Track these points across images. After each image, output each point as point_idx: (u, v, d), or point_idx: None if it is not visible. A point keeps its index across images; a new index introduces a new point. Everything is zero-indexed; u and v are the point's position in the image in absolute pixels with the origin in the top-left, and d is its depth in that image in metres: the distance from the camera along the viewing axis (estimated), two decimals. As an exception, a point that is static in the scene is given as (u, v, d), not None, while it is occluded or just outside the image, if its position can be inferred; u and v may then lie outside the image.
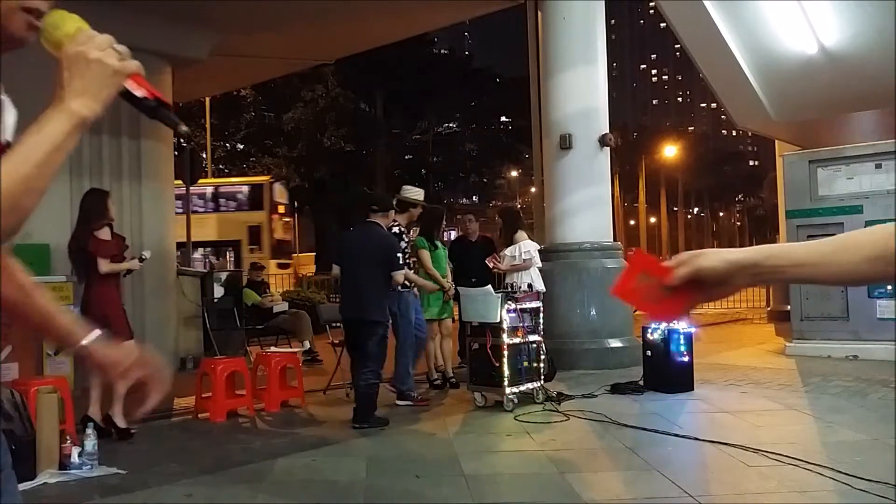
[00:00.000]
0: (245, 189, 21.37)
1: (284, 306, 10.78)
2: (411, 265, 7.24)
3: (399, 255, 6.46)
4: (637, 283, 1.24)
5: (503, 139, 36.93)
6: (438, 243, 7.94)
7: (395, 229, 7.00)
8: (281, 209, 18.83)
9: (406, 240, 7.25)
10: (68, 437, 4.95)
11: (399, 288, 6.69)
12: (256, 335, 10.11)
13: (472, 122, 37.25)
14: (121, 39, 1.25)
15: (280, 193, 18.00)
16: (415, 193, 7.68)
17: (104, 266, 5.76)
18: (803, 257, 1.20)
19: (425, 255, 7.56)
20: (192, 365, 9.23)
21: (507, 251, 7.74)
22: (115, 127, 8.80)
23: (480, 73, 35.93)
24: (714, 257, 1.18)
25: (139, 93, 1.21)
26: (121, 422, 5.88)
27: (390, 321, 6.55)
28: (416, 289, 7.21)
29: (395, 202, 7.15)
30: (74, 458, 4.78)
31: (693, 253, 1.20)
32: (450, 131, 37.93)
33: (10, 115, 1.32)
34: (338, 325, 8.79)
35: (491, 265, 8.06)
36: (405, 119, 33.75)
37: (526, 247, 7.68)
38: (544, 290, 7.57)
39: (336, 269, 6.65)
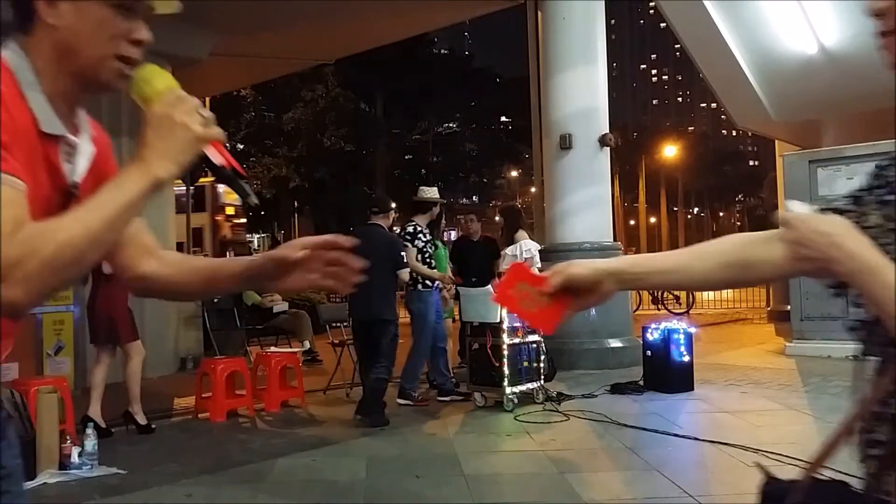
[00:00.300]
0: (185, 191, 21.41)
1: (284, 306, 10.77)
2: (431, 265, 7.30)
3: (402, 254, 6.58)
4: (516, 292, 1.33)
5: (503, 139, 36.92)
6: (439, 243, 7.95)
7: (410, 228, 7.14)
8: (229, 210, 18.79)
9: (425, 239, 7.32)
10: (68, 437, 4.95)
11: (419, 287, 6.84)
12: (256, 335, 10.10)
13: (472, 122, 37.25)
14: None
15: (227, 194, 17.93)
16: (433, 193, 7.72)
17: (108, 266, 5.78)
18: (664, 265, 1.32)
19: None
20: (192, 365, 9.23)
21: (508, 250, 7.73)
22: (115, 127, 8.78)
23: (480, 73, 35.93)
24: (584, 266, 1.29)
25: (217, 160, 1.24)
26: (141, 418, 5.93)
27: (409, 319, 6.69)
28: (443, 291, 7.22)
29: (413, 204, 7.34)
30: (74, 458, 4.78)
31: (566, 263, 1.29)
32: (450, 131, 37.93)
33: (84, 158, 1.34)
34: (337, 325, 8.81)
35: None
36: (405, 119, 33.74)
37: (527, 245, 7.68)
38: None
39: None
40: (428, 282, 7.02)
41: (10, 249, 1.07)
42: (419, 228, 7.22)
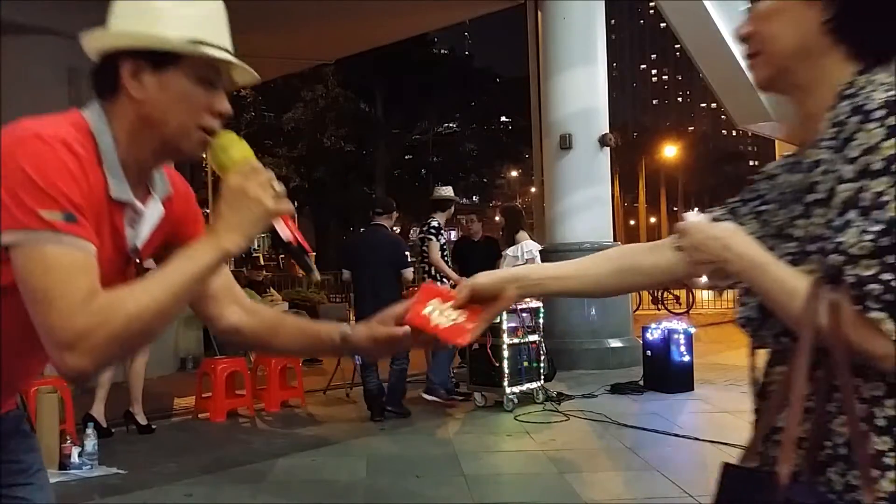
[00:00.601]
0: None
1: (284, 306, 10.78)
2: (448, 262, 7.38)
3: (407, 253, 6.76)
4: (429, 311, 1.38)
5: (503, 139, 36.89)
6: None
7: (435, 223, 7.27)
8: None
9: (445, 237, 7.44)
10: (68, 437, 4.95)
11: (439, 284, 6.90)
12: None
13: (472, 122, 37.20)
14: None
15: None
16: (450, 191, 7.79)
17: None
18: (560, 272, 1.45)
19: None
20: (192, 365, 9.24)
21: (510, 251, 7.70)
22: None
23: (480, 73, 35.89)
24: (486, 276, 1.41)
25: (285, 235, 1.28)
26: (141, 418, 5.94)
27: None
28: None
29: (433, 202, 7.49)
30: (74, 458, 4.79)
31: (473, 276, 1.40)
32: (450, 131, 37.88)
33: (148, 225, 1.36)
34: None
35: None
36: (405, 119, 33.71)
37: (528, 246, 7.66)
38: (545, 290, 7.54)
39: (346, 273, 6.84)
40: (445, 279, 7.09)
41: (82, 319, 1.09)
42: (441, 224, 7.36)
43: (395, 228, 7.47)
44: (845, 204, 1.05)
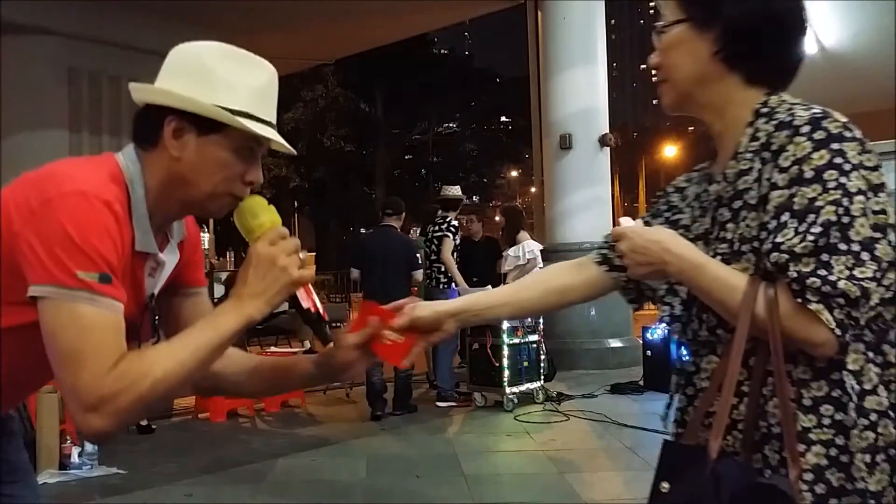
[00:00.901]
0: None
1: (284, 306, 10.75)
2: (458, 260, 7.44)
3: (418, 255, 6.94)
4: (370, 328, 1.42)
5: (503, 139, 36.89)
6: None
7: (455, 222, 7.41)
8: None
9: (458, 238, 7.52)
10: (68, 437, 4.95)
11: (444, 284, 7.02)
12: (256, 335, 10.09)
13: (472, 122, 37.20)
14: (121, 39, 1.27)
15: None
16: (458, 190, 7.82)
17: None
18: (496, 300, 1.55)
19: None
20: (192, 365, 9.23)
21: (511, 251, 7.66)
22: (115, 126, 8.80)
23: (480, 73, 35.90)
24: (427, 308, 1.48)
25: (305, 304, 1.31)
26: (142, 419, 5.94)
27: None
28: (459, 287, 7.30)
29: (442, 201, 7.58)
30: (74, 458, 4.79)
31: (412, 304, 1.47)
32: (450, 131, 37.87)
33: (166, 273, 1.37)
34: (338, 325, 8.81)
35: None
36: (405, 119, 33.71)
37: (529, 246, 7.65)
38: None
39: (355, 273, 6.91)
40: (453, 281, 7.17)
41: (110, 383, 1.10)
42: (457, 224, 7.45)
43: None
44: (778, 209, 1.15)
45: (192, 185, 1.28)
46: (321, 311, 1.32)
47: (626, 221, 1.33)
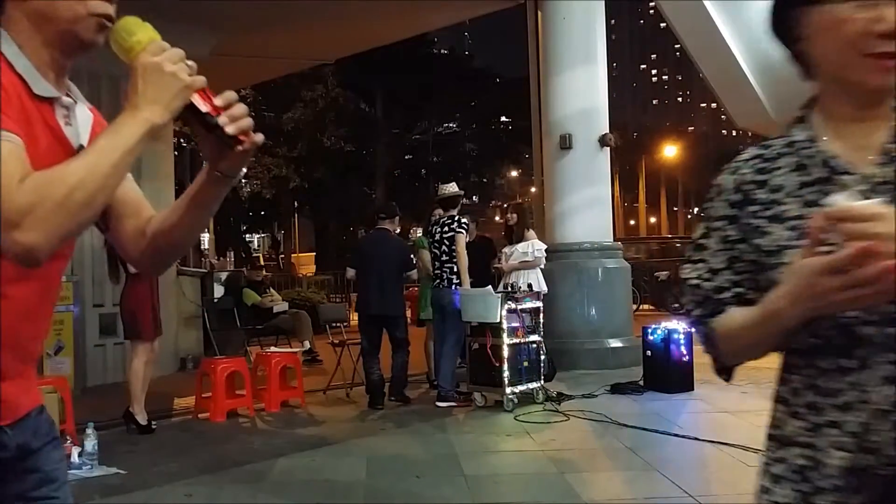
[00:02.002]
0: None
1: (284, 306, 10.77)
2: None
3: (412, 256, 7.42)
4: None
5: (503, 139, 36.86)
6: (425, 240, 7.96)
7: (465, 219, 7.33)
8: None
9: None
10: (68, 437, 4.95)
11: (456, 287, 7.03)
12: (256, 335, 10.10)
13: (472, 122, 37.17)
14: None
15: None
16: (455, 187, 7.77)
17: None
18: None
19: (425, 254, 7.60)
20: (192, 365, 9.23)
21: (519, 247, 7.59)
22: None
23: (480, 73, 35.87)
24: None
25: (204, 108, 1.26)
26: (141, 418, 5.95)
27: (438, 317, 7.14)
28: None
29: (443, 200, 7.59)
30: (74, 458, 4.79)
31: None
32: (450, 131, 37.85)
33: (83, 126, 1.36)
34: (337, 325, 8.81)
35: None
36: (405, 119, 33.69)
37: (538, 244, 7.64)
38: (546, 290, 7.52)
39: (351, 272, 7.37)
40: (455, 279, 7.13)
41: (20, 197, 1.09)
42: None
43: (395, 230, 7.50)
44: None
45: (51, 18, 1.28)
46: (223, 112, 1.26)
47: (841, 199, 0.99)
